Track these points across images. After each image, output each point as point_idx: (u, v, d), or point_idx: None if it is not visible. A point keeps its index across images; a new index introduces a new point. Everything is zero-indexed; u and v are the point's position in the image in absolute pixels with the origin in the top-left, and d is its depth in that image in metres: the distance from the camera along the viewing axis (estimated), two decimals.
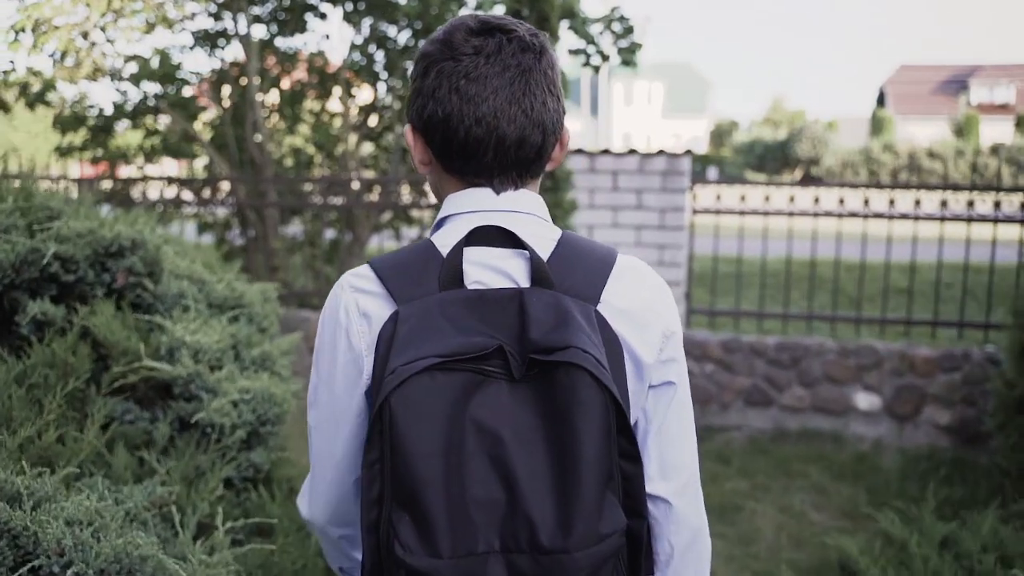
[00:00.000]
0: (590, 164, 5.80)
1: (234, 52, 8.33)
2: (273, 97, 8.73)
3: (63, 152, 8.20)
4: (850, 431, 5.77)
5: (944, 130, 39.78)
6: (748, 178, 35.94)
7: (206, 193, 7.18)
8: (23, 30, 6.90)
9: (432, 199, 6.61)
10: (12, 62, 7.30)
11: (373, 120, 8.50)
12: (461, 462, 0.98)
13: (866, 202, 5.61)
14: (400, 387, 0.97)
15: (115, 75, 7.55)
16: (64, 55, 7.44)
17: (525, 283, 1.09)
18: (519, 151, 1.14)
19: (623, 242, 5.80)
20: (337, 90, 8.60)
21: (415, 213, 8.14)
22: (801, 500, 4.76)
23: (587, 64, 7.09)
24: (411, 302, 1.06)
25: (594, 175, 5.79)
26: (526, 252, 1.09)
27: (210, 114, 8.52)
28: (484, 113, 1.11)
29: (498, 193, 1.16)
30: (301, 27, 8.25)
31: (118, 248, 2.26)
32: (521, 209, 1.17)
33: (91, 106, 8.04)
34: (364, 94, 8.80)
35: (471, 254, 1.10)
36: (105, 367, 2.15)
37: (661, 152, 5.72)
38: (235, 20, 7.76)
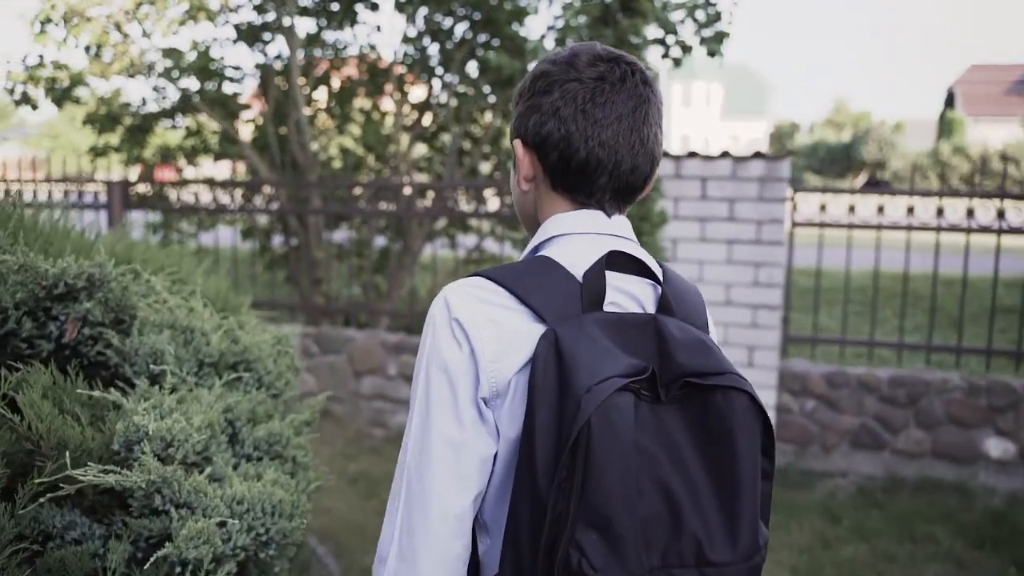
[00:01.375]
0: (675, 169, 5.04)
1: (279, 47, 7.77)
2: (321, 95, 8.13)
3: (98, 153, 7.69)
4: (979, 482, 4.91)
5: (1018, 132, 37.97)
6: (809, 182, 34.66)
7: (248, 197, 6.58)
8: (48, 20, 6.37)
9: (491, 207, 5.93)
10: (41, 56, 6.75)
11: (427, 119, 7.83)
12: (636, 482, 0.98)
13: (969, 213, 4.77)
14: (601, 407, 0.96)
15: (151, 71, 7.00)
16: (98, 49, 6.91)
17: (652, 309, 1.13)
18: (631, 177, 1.16)
19: (712, 259, 5.03)
20: (389, 87, 7.98)
21: (472, 221, 7.46)
22: (936, 575, 3.95)
23: (666, 56, 6.33)
24: (560, 320, 1.05)
25: (680, 182, 5.03)
26: (652, 280, 1.15)
27: (252, 113, 7.94)
28: (607, 138, 1.13)
29: (609, 216, 1.18)
30: (351, 19, 7.63)
31: (66, 289, 1.58)
32: (629, 236, 1.20)
33: (127, 104, 7.51)
34: (418, 91, 8.14)
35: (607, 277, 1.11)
36: (32, 466, 1.48)
37: (758, 155, 4.94)
38: (278, 12, 7.16)
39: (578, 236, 1.16)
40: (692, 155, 5.03)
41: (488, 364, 1.05)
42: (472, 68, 7.58)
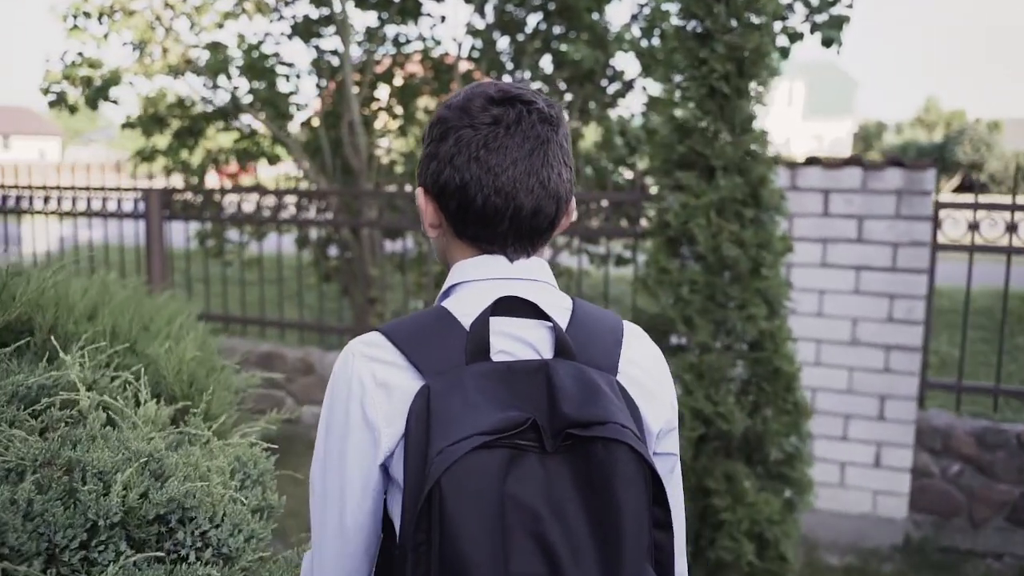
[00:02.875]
0: (791, 179, 4.18)
1: (336, 42, 7.11)
2: (382, 94, 7.46)
3: (145, 157, 7.16)
4: None
5: None
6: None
7: (300, 205, 5.92)
8: (83, 14, 5.81)
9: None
10: (80, 54, 6.20)
11: None
12: (504, 540, 0.95)
13: None
14: (450, 469, 0.93)
15: (198, 69, 6.41)
16: (142, 46, 6.36)
17: (548, 354, 1.08)
18: (534, 220, 1.13)
19: (835, 288, 4.16)
20: (455, 85, 7.25)
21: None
22: None
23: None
24: (439, 375, 1.02)
25: (797, 195, 4.16)
26: (549, 323, 1.10)
27: (308, 114, 7.31)
28: (503, 184, 1.10)
29: (512, 261, 1.15)
30: (415, 11, 6.92)
31: None
32: (535, 277, 1.16)
33: (174, 105, 6.95)
34: None
35: (494, 324, 1.08)
36: None
37: (895, 163, 4.04)
38: (332, 5, 6.50)
39: (476, 284, 1.14)
40: (812, 162, 4.15)
41: (383, 429, 1.04)
42: (546, 62, 6.80)
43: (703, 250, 3.08)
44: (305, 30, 6.83)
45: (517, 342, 1.08)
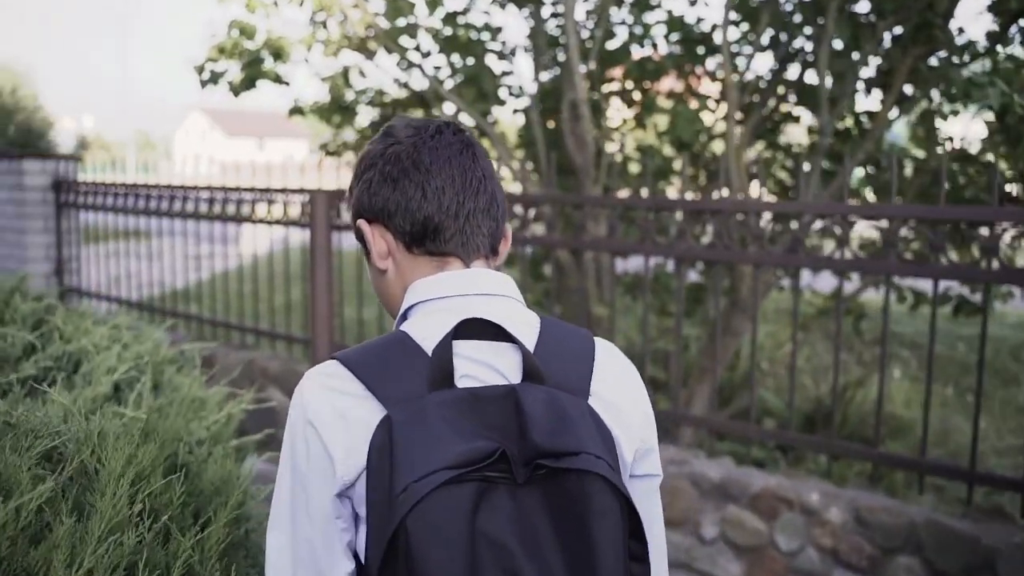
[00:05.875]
0: None
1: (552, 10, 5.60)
2: (612, 73, 5.86)
3: (330, 152, 5.99)
4: None
5: None
6: None
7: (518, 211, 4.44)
8: None
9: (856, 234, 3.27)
10: (240, 31, 5.02)
11: (765, 106, 5.25)
12: None
13: None
14: (416, 507, 0.90)
15: (382, 39, 5.08)
16: (324, 15, 5.13)
17: (515, 377, 1.05)
18: (483, 217, 1.14)
19: None
20: (712, 61, 5.53)
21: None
22: None
23: None
24: (400, 404, 0.99)
25: None
26: (515, 345, 1.05)
27: (523, 102, 5.82)
28: (443, 180, 1.12)
29: (468, 264, 1.14)
30: None
31: None
32: (497, 291, 1.13)
33: (361, 90, 5.70)
34: (760, 64, 5.56)
35: (457, 348, 1.04)
36: None
37: None
38: None
39: (435, 303, 1.11)
40: None
41: (340, 461, 1.00)
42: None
43: None
44: None
45: (482, 366, 1.04)
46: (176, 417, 1.71)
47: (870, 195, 5.15)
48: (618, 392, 1.10)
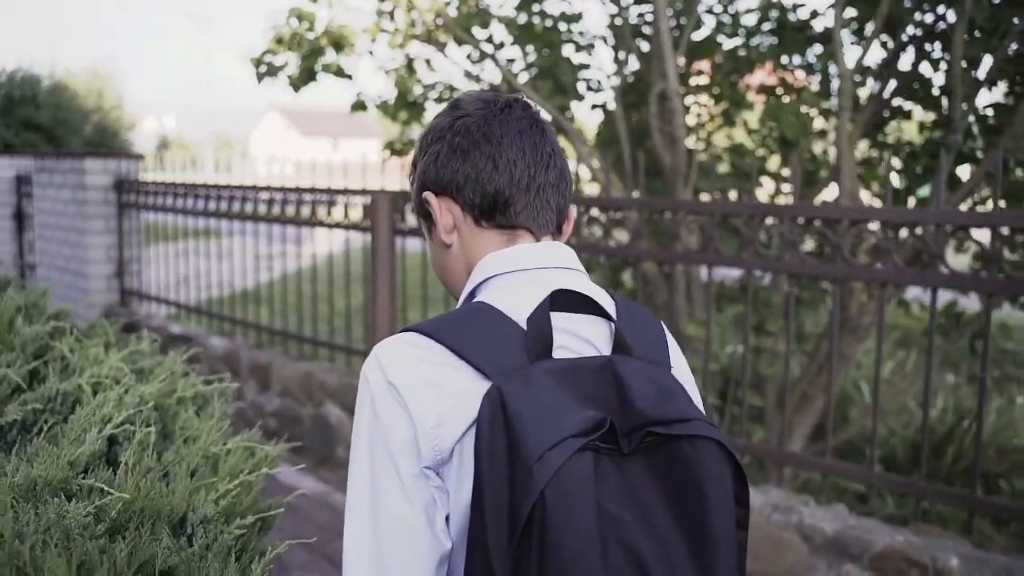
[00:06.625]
0: None
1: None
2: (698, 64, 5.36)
3: (395, 151, 5.63)
4: None
5: None
6: None
7: (588, 217, 3.97)
8: None
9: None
10: (299, 19, 4.67)
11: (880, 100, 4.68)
12: (600, 552, 0.88)
13: None
14: (556, 476, 0.86)
15: (451, 28, 4.68)
16: (390, 4, 4.77)
17: (606, 350, 1.04)
18: (552, 192, 1.12)
19: None
20: (812, 51, 5.00)
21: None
22: None
23: None
24: (504, 374, 0.95)
25: None
26: (605, 318, 1.05)
27: (609, 95, 5.35)
28: (513, 153, 1.10)
29: (538, 239, 1.12)
30: None
31: None
32: (572, 266, 1.12)
33: (429, 85, 5.32)
34: (868, 54, 5.01)
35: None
36: None
37: None
38: None
39: (516, 275, 1.08)
40: None
41: (429, 431, 0.95)
42: None
43: None
44: None
45: (575, 338, 1.03)
46: (175, 490, 1.33)
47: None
48: (681, 364, 1.14)
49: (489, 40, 4.99)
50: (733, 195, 5.08)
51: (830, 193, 5.02)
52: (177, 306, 6.40)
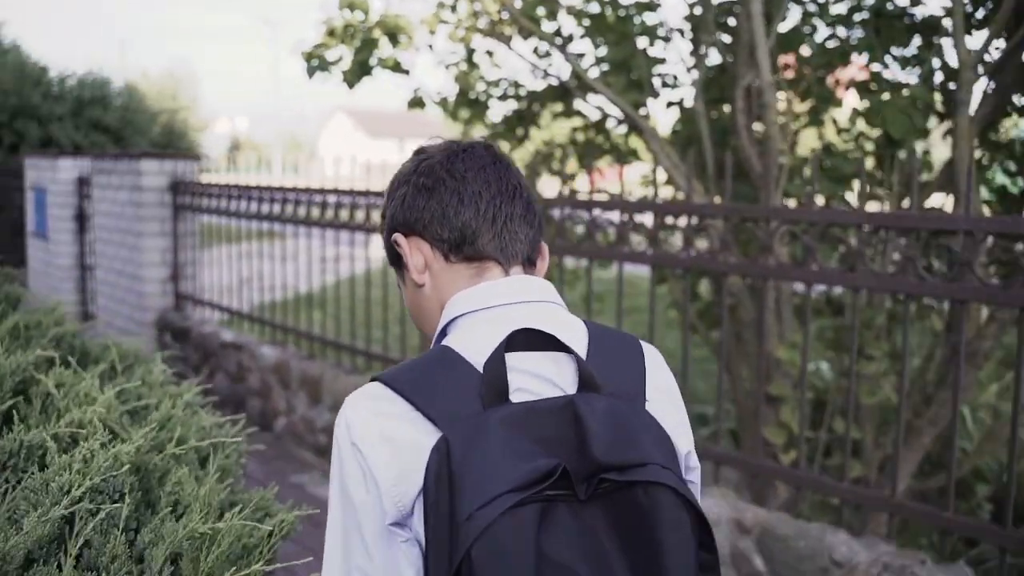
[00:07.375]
0: None
1: None
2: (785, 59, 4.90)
3: None
4: None
5: None
6: None
7: (661, 224, 3.56)
8: None
9: None
10: (353, 7, 4.35)
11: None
12: None
13: None
14: (483, 535, 0.84)
15: (529, 28, 4.31)
16: None
17: (571, 388, 1.00)
18: (521, 223, 1.12)
19: None
20: (918, 40, 4.50)
21: None
22: None
23: None
24: (454, 424, 0.93)
25: None
26: (569, 354, 1.01)
27: (687, 91, 4.92)
28: (479, 186, 1.10)
29: (507, 271, 1.11)
30: None
31: None
32: (540, 297, 1.10)
33: (493, 81, 4.97)
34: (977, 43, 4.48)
35: (508, 360, 0.98)
36: None
37: None
38: None
39: (480, 314, 1.06)
40: None
41: (391, 489, 0.94)
42: None
43: None
44: None
45: (535, 379, 1.00)
46: None
47: None
48: (668, 395, 1.09)
49: (557, 33, 4.62)
50: (820, 200, 4.62)
51: (934, 200, 4.53)
52: (229, 312, 6.18)
